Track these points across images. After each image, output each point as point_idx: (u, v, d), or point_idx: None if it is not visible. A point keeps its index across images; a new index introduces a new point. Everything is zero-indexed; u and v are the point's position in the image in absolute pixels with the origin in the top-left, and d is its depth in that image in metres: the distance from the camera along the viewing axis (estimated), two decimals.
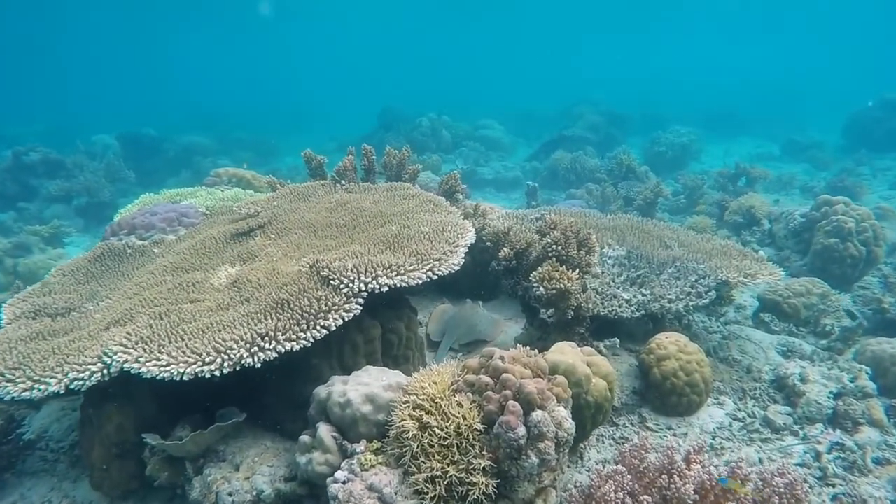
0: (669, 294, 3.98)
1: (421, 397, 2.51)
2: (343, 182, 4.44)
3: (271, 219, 4.00)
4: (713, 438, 3.32)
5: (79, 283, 3.84)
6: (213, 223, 4.38)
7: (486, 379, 2.50)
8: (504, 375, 2.46)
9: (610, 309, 3.78)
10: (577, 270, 3.38)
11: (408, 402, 2.52)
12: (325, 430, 2.59)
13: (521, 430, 2.30)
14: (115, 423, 2.81)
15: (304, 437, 2.64)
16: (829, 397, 3.48)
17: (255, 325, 2.70)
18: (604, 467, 2.44)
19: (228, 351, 2.56)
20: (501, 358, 2.59)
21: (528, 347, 2.95)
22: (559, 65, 43.44)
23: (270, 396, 3.00)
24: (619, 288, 4.13)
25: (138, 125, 15.57)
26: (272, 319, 2.72)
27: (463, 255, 3.31)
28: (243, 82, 40.46)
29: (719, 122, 20.61)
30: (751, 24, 46.40)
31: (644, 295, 4.02)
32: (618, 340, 3.76)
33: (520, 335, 3.96)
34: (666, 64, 40.62)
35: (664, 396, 3.48)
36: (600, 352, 3.68)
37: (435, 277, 3.08)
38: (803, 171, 13.59)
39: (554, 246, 3.46)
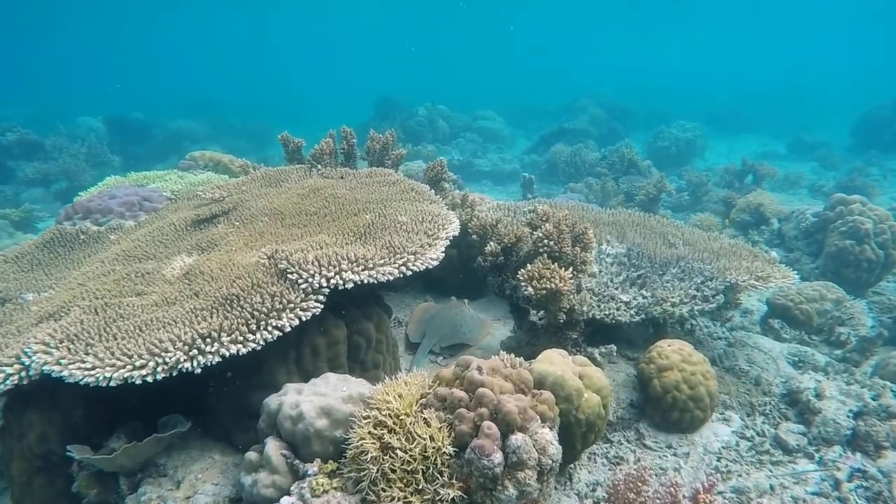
0: (673, 297, 3.63)
1: (384, 412, 2.16)
2: (319, 167, 4.07)
3: (237, 205, 3.64)
4: (718, 460, 2.97)
5: (21, 270, 3.48)
6: (176, 208, 4.02)
7: (459, 394, 2.15)
8: (480, 390, 2.11)
9: (607, 312, 3.43)
10: (571, 268, 3.03)
11: (368, 417, 2.17)
12: (273, 447, 2.24)
13: (498, 457, 1.95)
14: (37, 431, 2.45)
15: (251, 454, 2.30)
16: (848, 416, 3.13)
17: (197, 324, 2.35)
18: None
19: (164, 354, 2.21)
20: (479, 369, 2.24)
21: (512, 355, 2.62)
22: (562, 58, 42.92)
23: (219, 403, 2.65)
24: (617, 289, 3.77)
25: (129, 108, 15.16)
26: (217, 318, 2.37)
27: (443, 249, 2.95)
28: (239, 69, 40.02)
29: (724, 119, 20.20)
30: (757, 21, 45.77)
31: (645, 297, 3.66)
32: (615, 347, 3.41)
33: (507, 339, 3.61)
34: (671, 59, 40.19)
35: (665, 411, 3.13)
36: (595, 360, 3.33)
37: (409, 273, 2.72)
38: (811, 171, 13.21)
39: (545, 240, 3.09)
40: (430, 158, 11.76)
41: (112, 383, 2.16)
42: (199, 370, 2.22)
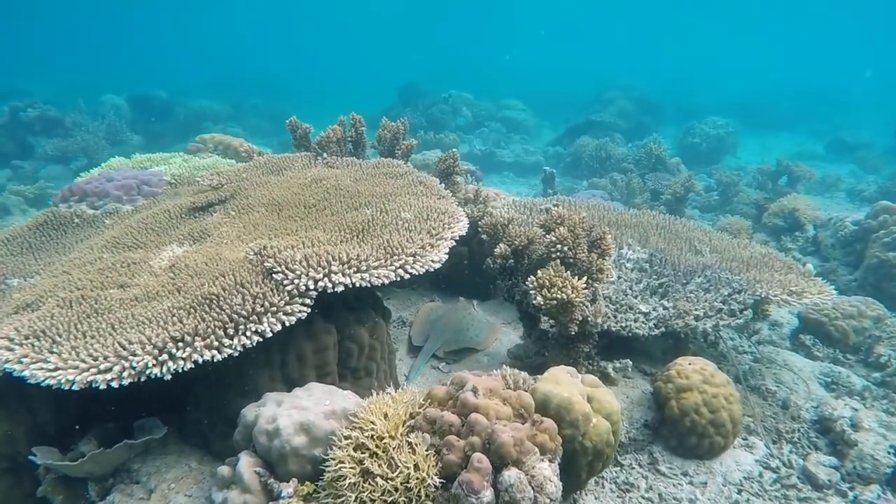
0: (696, 309, 3.35)
1: (366, 434, 1.95)
2: (325, 155, 3.86)
3: (235, 193, 3.46)
4: (739, 492, 2.71)
5: (11, 253, 3.35)
6: (175, 194, 3.85)
7: (450, 418, 1.93)
8: (473, 416, 1.89)
9: (624, 324, 3.17)
10: (586, 277, 2.77)
11: (350, 438, 1.97)
12: (246, 464, 2.05)
13: (488, 495, 1.73)
14: (2, 431, 2.30)
15: (224, 469, 2.11)
16: (889, 452, 2.83)
17: (171, 325, 2.16)
18: None
19: (131, 357, 2.02)
20: (474, 390, 2.02)
21: (514, 371, 2.39)
22: (592, 47, 41.93)
23: (198, 408, 2.47)
24: (636, 297, 3.51)
25: (154, 87, 15.14)
26: (193, 319, 2.18)
27: (447, 251, 2.72)
28: (265, 50, 39.82)
29: (758, 116, 19.44)
30: (797, 12, 43.93)
31: (666, 308, 3.39)
32: (630, 363, 3.15)
33: (515, 347, 3.37)
34: (704, 51, 38.96)
35: (682, 435, 2.88)
36: (608, 376, 3.09)
37: (407, 277, 2.50)
38: (849, 174, 12.60)
39: (559, 245, 2.84)
40: (451, 147, 11.51)
41: (75, 387, 1.98)
42: (168, 377, 2.03)
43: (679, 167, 9.81)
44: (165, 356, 2.04)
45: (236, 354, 2.14)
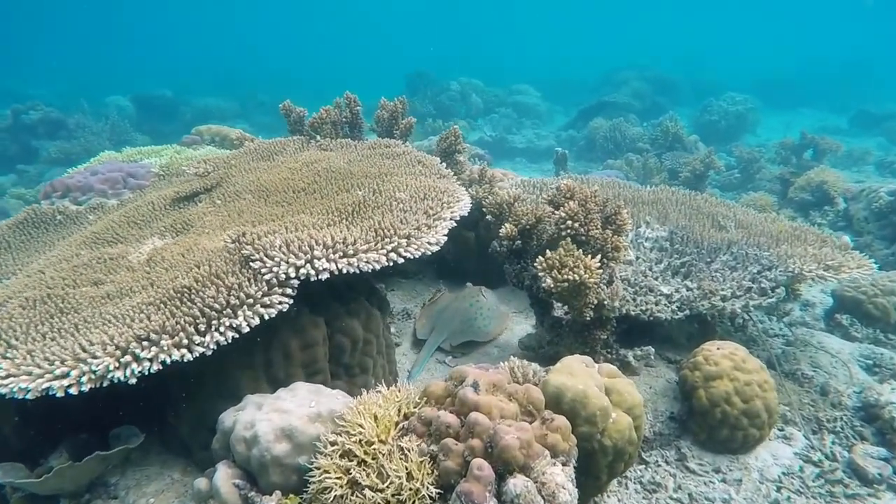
0: (723, 289, 3.06)
1: (353, 438, 1.72)
2: (318, 138, 3.62)
3: (221, 180, 3.24)
4: (778, 490, 2.44)
5: None
6: (162, 186, 3.65)
7: (447, 418, 1.68)
8: (473, 416, 1.65)
9: (644, 308, 2.90)
10: (600, 256, 2.50)
11: (336, 444, 1.74)
12: (223, 476, 1.84)
13: None
14: None
15: (201, 481, 1.90)
16: None
17: (136, 322, 1.94)
18: None
19: (91, 360, 1.81)
20: (475, 385, 1.77)
21: (523, 362, 2.14)
22: (602, 27, 41.07)
23: (177, 415, 2.26)
24: (657, 278, 3.23)
25: (161, 86, 15.03)
26: (161, 315, 1.96)
27: (445, 232, 2.48)
28: (270, 46, 39.64)
29: (776, 92, 18.77)
30: None
31: (689, 289, 3.11)
32: (653, 350, 2.88)
33: (526, 337, 3.12)
34: (718, 29, 37.94)
35: (712, 428, 2.61)
36: (629, 365, 2.82)
37: (401, 261, 2.26)
38: (877, 146, 12.06)
39: (569, 222, 2.57)
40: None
41: (29, 396, 1.78)
42: (133, 381, 1.82)
43: (697, 145, 9.43)
44: (129, 357, 1.82)
45: (209, 353, 1.92)
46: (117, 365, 1.81)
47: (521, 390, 1.83)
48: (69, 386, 1.78)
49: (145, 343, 1.85)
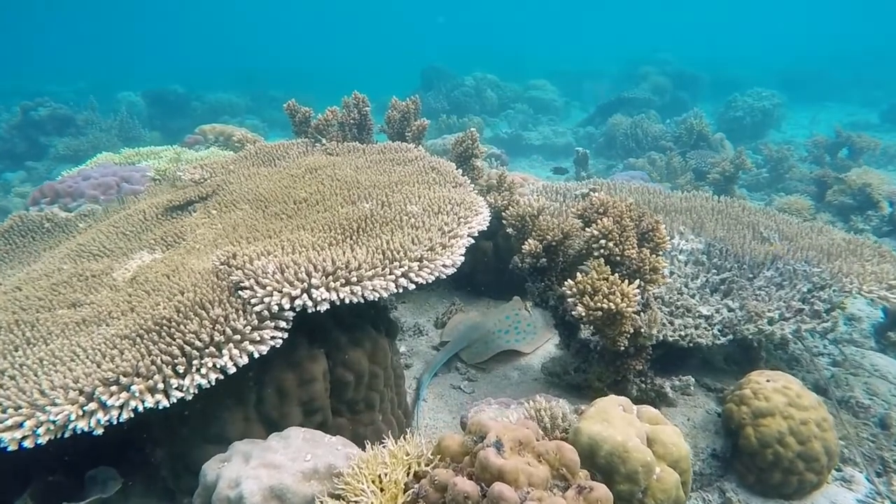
0: (770, 310, 2.75)
1: None
2: (324, 141, 3.35)
3: (218, 187, 2.99)
4: None
5: None
6: (158, 192, 3.40)
7: (465, 486, 1.41)
8: (498, 488, 1.37)
9: (683, 333, 2.59)
10: (637, 280, 2.21)
11: None
12: None
13: None
14: None
15: None
16: None
17: (105, 361, 1.69)
18: None
19: (50, 408, 1.56)
20: (497, 444, 1.49)
21: (549, 405, 1.87)
22: (620, 21, 40.30)
23: (158, 457, 2.01)
24: (694, 296, 2.92)
25: (174, 82, 14.87)
26: (134, 353, 1.70)
27: (462, 252, 2.19)
28: (284, 41, 39.57)
29: (801, 87, 18.14)
30: None
31: (731, 309, 2.80)
32: (692, 381, 2.58)
33: (550, 362, 2.84)
34: (740, 21, 37.05)
35: (762, 471, 2.31)
36: (665, 396, 2.52)
37: (412, 287, 1.98)
38: None
39: (602, 241, 2.27)
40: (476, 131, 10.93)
41: None
42: (99, 431, 1.57)
43: (723, 143, 9.02)
44: (94, 405, 1.57)
45: (189, 398, 1.66)
46: (80, 413, 1.56)
47: (552, 449, 1.55)
48: (23, 439, 1.52)
49: (114, 388, 1.60)
